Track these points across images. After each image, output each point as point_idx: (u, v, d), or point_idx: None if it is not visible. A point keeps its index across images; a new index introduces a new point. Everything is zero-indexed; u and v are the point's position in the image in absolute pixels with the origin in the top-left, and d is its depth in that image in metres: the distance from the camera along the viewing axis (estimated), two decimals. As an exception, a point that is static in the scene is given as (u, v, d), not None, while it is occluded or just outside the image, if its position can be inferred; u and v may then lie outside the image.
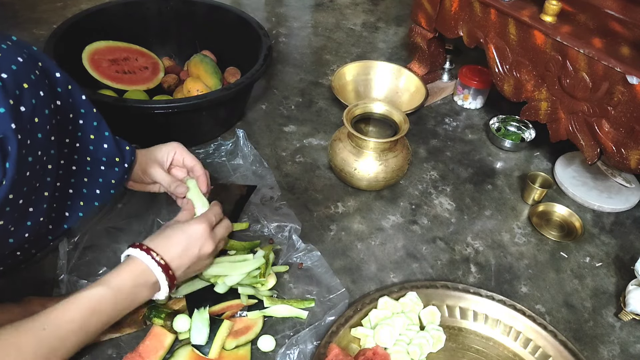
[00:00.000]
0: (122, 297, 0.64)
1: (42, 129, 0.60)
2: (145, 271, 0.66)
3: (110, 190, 0.76)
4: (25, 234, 0.64)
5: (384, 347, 0.77)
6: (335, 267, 0.91)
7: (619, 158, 0.93)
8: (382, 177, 1.01)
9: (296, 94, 1.34)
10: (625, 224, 1.07)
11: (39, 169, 0.61)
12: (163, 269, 0.67)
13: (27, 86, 0.57)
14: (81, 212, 0.76)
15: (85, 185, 0.75)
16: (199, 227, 0.72)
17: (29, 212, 0.63)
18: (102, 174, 0.75)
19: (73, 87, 0.67)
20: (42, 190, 0.64)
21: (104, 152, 0.73)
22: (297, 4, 1.80)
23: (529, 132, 1.25)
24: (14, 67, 0.56)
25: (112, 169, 0.75)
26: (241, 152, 1.10)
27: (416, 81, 1.32)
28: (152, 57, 1.27)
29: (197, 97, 1.02)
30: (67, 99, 0.66)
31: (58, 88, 0.65)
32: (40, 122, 0.59)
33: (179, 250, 0.70)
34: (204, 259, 0.74)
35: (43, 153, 0.61)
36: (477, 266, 0.95)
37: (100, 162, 0.73)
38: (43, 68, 0.62)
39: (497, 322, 0.83)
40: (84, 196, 0.75)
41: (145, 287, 0.67)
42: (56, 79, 0.65)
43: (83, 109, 0.69)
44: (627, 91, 0.88)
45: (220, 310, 0.81)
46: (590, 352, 0.83)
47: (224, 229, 0.78)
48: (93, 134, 0.71)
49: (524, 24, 1.01)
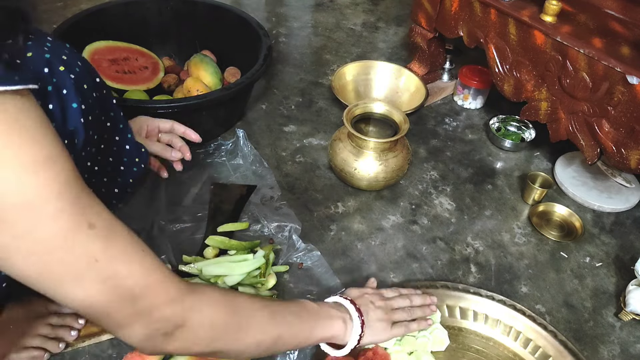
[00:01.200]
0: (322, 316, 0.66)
1: (92, 127, 0.64)
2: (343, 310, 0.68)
3: (127, 190, 0.79)
4: None
5: (384, 347, 0.77)
6: (335, 267, 0.91)
7: (619, 158, 0.93)
8: (382, 177, 1.01)
9: (296, 94, 1.35)
10: (626, 224, 1.07)
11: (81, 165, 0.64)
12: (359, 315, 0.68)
13: (86, 87, 0.62)
14: None
15: (105, 185, 0.76)
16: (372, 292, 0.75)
17: None
18: (121, 174, 0.77)
19: (107, 91, 0.71)
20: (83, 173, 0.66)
21: (126, 154, 0.75)
22: (297, 4, 1.80)
23: (529, 132, 1.25)
24: (77, 69, 0.61)
25: (131, 169, 0.77)
26: (241, 152, 1.10)
27: (416, 81, 1.32)
28: (152, 57, 1.27)
29: (197, 97, 1.02)
30: (103, 103, 0.69)
31: (94, 93, 0.68)
32: (93, 121, 0.63)
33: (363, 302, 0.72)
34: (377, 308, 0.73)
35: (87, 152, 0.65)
36: (477, 266, 0.95)
37: (122, 163, 0.76)
38: (92, 70, 0.67)
39: (497, 322, 0.83)
40: (102, 195, 0.75)
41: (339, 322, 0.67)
42: (94, 83, 0.68)
43: (112, 112, 0.72)
44: (627, 91, 0.88)
45: (221, 310, 0.81)
46: (590, 352, 0.83)
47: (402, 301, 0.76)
48: (119, 136, 0.74)
49: (524, 24, 1.01)
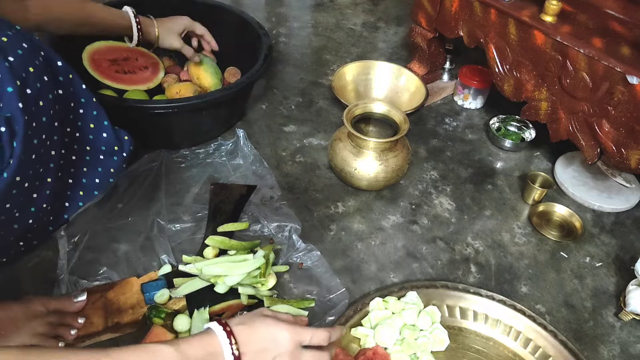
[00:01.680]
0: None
1: (46, 112, 0.61)
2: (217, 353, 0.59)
3: (109, 179, 0.77)
4: (29, 221, 0.65)
5: (384, 347, 0.77)
6: (335, 267, 0.91)
7: (619, 158, 0.93)
8: (382, 177, 1.01)
9: (296, 94, 1.34)
10: (626, 224, 1.07)
11: (43, 152, 0.61)
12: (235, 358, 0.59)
13: (32, 70, 0.59)
14: (81, 201, 0.76)
15: (85, 175, 0.75)
16: (288, 337, 0.63)
17: (33, 198, 0.64)
18: (101, 163, 0.75)
19: (74, 76, 0.68)
20: (46, 176, 0.65)
21: (103, 141, 0.73)
22: (297, 4, 1.80)
23: (529, 132, 1.25)
24: (19, 52, 0.58)
25: (111, 158, 0.75)
26: (241, 152, 1.10)
27: (416, 81, 1.32)
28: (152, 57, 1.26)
29: (197, 97, 1.02)
30: (68, 88, 0.67)
31: (60, 77, 0.66)
32: (45, 106, 0.60)
33: (257, 348, 0.61)
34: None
35: (47, 138, 0.62)
36: (477, 266, 0.95)
37: (100, 152, 0.74)
38: (45, 56, 0.63)
39: (497, 322, 0.83)
40: (83, 186, 0.75)
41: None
42: (58, 67, 0.65)
43: (83, 98, 0.70)
44: (627, 91, 0.88)
45: (220, 310, 0.81)
46: (590, 352, 0.83)
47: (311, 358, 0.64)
48: (93, 123, 0.72)
49: (524, 24, 1.01)
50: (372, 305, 0.82)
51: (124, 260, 0.87)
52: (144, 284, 0.82)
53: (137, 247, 0.89)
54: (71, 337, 0.75)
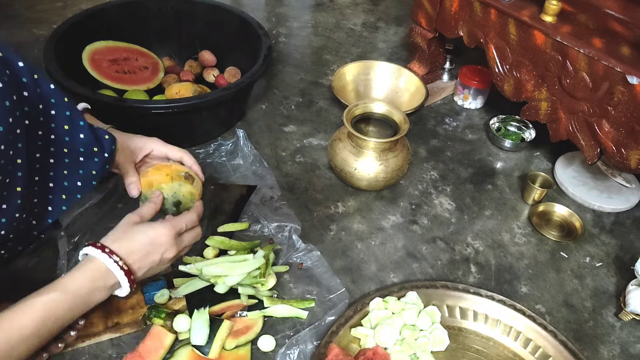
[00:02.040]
0: (79, 301, 0.62)
1: (3, 122, 0.57)
2: (105, 274, 0.64)
3: (92, 182, 0.73)
4: (1, 232, 0.63)
5: (384, 347, 0.77)
6: (335, 267, 0.91)
7: (619, 158, 0.93)
8: (382, 177, 1.01)
9: (296, 94, 1.34)
10: (626, 224, 1.07)
11: (4, 163, 0.58)
12: (125, 273, 0.65)
13: None
14: (64, 205, 0.74)
15: (66, 178, 0.72)
16: (165, 233, 0.69)
17: (2, 209, 0.62)
18: (81, 165, 0.72)
19: (39, 76, 0.64)
20: (14, 185, 0.62)
21: (80, 143, 0.69)
22: (297, 4, 1.80)
23: (529, 132, 1.25)
24: None
25: (92, 160, 0.71)
26: (241, 152, 1.10)
27: (416, 81, 1.32)
28: (152, 57, 1.27)
29: (197, 97, 1.02)
30: (34, 89, 0.64)
31: (23, 78, 0.62)
32: (1, 115, 0.57)
33: (141, 255, 0.67)
34: (165, 263, 0.72)
35: (8, 147, 0.59)
36: (477, 266, 0.95)
37: (79, 153, 0.70)
38: (3, 58, 0.60)
39: (497, 322, 0.83)
40: (65, 189, 0.73)
41: (103, 289, 0.65)
42: (19, 68, 0.62)
43: (53, 99, 0.66)
44: (627, 91, 0.88)
45: (221, 310, 0.81)
46: (590, 352, 0.83)
47: (192, 237, 0.75)
48: (67, 124, 0.68)
49: (524, 24, 1.01)
50: (372, 305, 0.82)
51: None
52: (144, 284, 0.82)
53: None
54: (71, 339, 0.74)
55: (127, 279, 0.66)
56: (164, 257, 0.70)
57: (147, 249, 0.68)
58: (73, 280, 0.63)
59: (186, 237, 0.74)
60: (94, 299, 0.65)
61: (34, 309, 0.59)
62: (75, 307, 0.62)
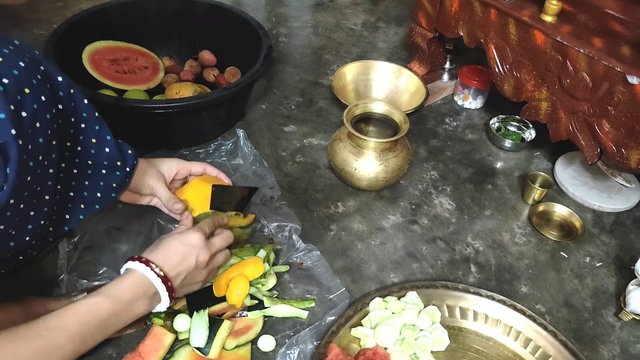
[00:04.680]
0: (121, 307, 0.63)
1: (43, 133, 0.60)
2: (144, 282, 0.66)
3: (111, 194, 0.76)
4: (26, 238, 0.64)
5: (384, 347, 0.77)
6: (335, 267, 0.91)
7: (619, 158, 0.93)
8: (382, 177, 1.01)
9: (296, 93, 1.34)
10: (626, 223, 1.07)
11: (40, 173, 0.61)
12: (162, 280, 0.67)
13: (28, 91, 0.57)
14: (82, 214, 0.75)
15: (87, 189, 0.74)
16: (194, 235, 0.72)
17: (30, 216, 0.63)
18: (103, 178, 0.74)
19: (75, 91, 0.67)
20: (44, 194, 0.64)
21: (105, 156, 0.72)
22: (297, 3, 1.80)
23: (529, 132, 1.25)
24: (15, 72, 0.56)
25: (114, 173, 0.74)
26: (241, 152, 1.10)
27: (416, 81, 1.32)
28: (152, 57, 1.27)
29: (197, 97, 1.02)
30: (69, 103, 0.66)
31: (60, 92, 0.65)
32: (42, 127, 0.59)
33: (177, 260, 0.69)
34: (201, 268, 0.72)
35: (44, 157, 0.61)
36: (477, 266, 0.95)
37: (102, 166, 0.73)
38: (45, 72, 0.62)
39: (497, 322, 0.83)
40: (85, 199, 0.75)
41: (144, 299, 0.66)
42: (58, 82, 0.65)
43: (85, 113, 0.69)
44: (627, 91, 0.88)
45: (221, 310, 0.81)
46: (590, 352, 0.83)
47: (222, 240, 0.77)
48: (95, 138, 0.71)
49: (524, 24, 1.01)
50: (372, 305, 0.82)
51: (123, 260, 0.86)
52: None
53: (137, 247, 0.89)
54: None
55: (164, 286, 0.67)
56: (198, 261, 0.71)
57: (181, 253, 0.70)
58: (115, 286, 0.65)
59: (216, 241, 0.76)
60: (137, 307, 0.66)
61: (77, 310, 0.60)
62: (119, 313, 0.63)
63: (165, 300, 0.68)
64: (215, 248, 0.75)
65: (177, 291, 0.70)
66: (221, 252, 0.77)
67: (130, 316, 0.65)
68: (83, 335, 0.60)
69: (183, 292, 0.73)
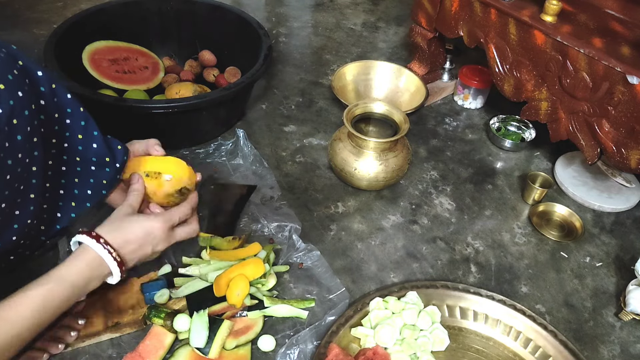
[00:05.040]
0: (76, 290, 0.64)
1: (21, 130, 0.58)
2: (99, 262, 0.65)
3: (102, 191, 0.74)
4: (12, 237, 0.64)
5: (384, 347, 0.77)
6: (335, 267, 0.91)
7: (619, 158, 0.93)
8: (382, 177, 1.01)
9: (296, 93, 1.34)
10: (626, 223, 1.07)
11: (21, 171, 0.59)
12: (118, 264, 0.67)
13: (3, 87, 0.55)
14: (73, 212, 0.74)
15: (77, 186, 0.73)
16: (159, 226, 0.71)
17: (15, 215, 0.62)
18: (93, 174, 0.73)
19: (57, 85, 0.65)
20: (28, 192, 0.63)
21: (93, 152, 0.71)
22: (297, 3, 1.80)
23: (529, 132, 1.25)
24: None
25: (103, 169, 0.72)
26: (241, 152, 1.10)
27: (416, 81, 1.32)
28: (152, 56, 1.27)
29: (197, 97, 1.02)
30: (51, 98, 0.64)
31: (41, 87, 0.63)
32: (20, 124, 0.57)
33: (135, 246, 0.69)
34: (155, 254, 0.73)
35: (25, 155, 0.59)
36: (477, 266, 0.95)
37: (91, 162, 0.71)
38: (23, 67, 0.60)
39: (497, 322, 0.83)
40: (75, 197, 0.74)
41: (97, 278, 0.66)
42: (38, 77, 0.62)
43: (69, 108, 0.67)
44: (627, 91, 0.88)
45: (221, 310, 0.81)
46: (590, 352, 0.83)
47: (185, 233, 0.76)
48: (81, 134, 0.69)
49: (525, 24, 1.01)
50: (372, 305, 0.82)
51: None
52: (144, 284, 0.82)
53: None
54: (71, 339, 0.75)
55: (119, 269, 0.67)
56: (155, 250, 0.72)
57: (140, 241, 0.69)
58: (69, 270, 0.64)
59: (179, 232, 0.75)
60: (89, 287, 0.66)
61: (32, 300, 0.60)
62: (72, 296, 0.64)
63: (117, 278, 0.68)
64: (175, 240, 0.74)
65: (126, 269, 0.69)
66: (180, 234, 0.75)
67: (82, 295, 0.66)
68: (38, 322, 0.60)
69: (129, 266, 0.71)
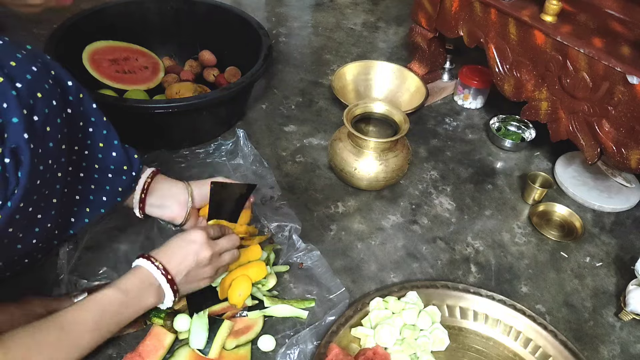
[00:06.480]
0: (130, 298, 0.66)
1: (53, 137, 0.60)
2: (148, 276, 0.69)
3: (117, 198, 0.76)
4: (32, 240, 0.65)
5: (384, 347, 0.77)
6: (335, 267, 0.91)
7: (619, 158, 0.93)
8: (382, 177, 1.01)
9: (296, 93, 1.34)
10: (626, 223, 1.07)
11: (49, 177, 0.61)
12: (163, 274, 0.69)
13: (40, 95, 0.58)
14: (87, 218, 0.76)
15: (92, 192, 0.75)
16: (196, 234, 0.73)
17: (38, 219, 0.64)
18: (109, 182, 0.75)
19: (84, 95, 0.68)
20: (52, 197, 0.65)
21: (112, 160, 0.73)
22: (297, 3, 1.80)
23: (529, 132, 1.25)
24: (28, 77, 0.57)
25: (120, 177, 0.75)
26: (241, 152, 1.10)
27: (416, 81, 1.32)
28: (152, 56, 1.27)
29: (197, 97, 1.02)
30: (78, 107, 0.67)
31: (70, 96, 0.66)
32: (52, 131, 0.60)
33: (179, 257, 0.71)
34: (203, 266, 0.73)
35: (54, 162, 0.62)
36: (477, 266, 0.95)
37: (108, 170, 0.74)
38: (56, 77, 0.63)
39: (497, 322, 0.83)
40: (90, 203, 0.75)
41: (151, 291, 0.68)
42: (68, 87, 0.65)
43: (93, 118, 0.70)
44: (627, 91, 0.88)
45: (221, 310, 0.81)
46: (590, 352, 0.83)
47: (226, 241, 0.77)
48: (102, 142, 0.72)
49: (525, 24, 1.01)
50: (372, 305, 0.82)
51: (124, 260, 0.87)
52: None
53: (137, 247, 0.89)
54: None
55: (165, 278, 0.69)
56: (199, 258, 0.72)
57: (182, 252, 0.71)
58: (123, 280, 0.68)
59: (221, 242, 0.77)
60: (145, 299, 0.68)
61: (89, 306, 0.64)
62: (128, 304, 0.66)
63: (169, 294, 0.70)
64: (218, 247, 0.75)
65: (181, 287, 0.71)
66: (228, 252, 0.77)
67: (141, 307, 0.68)
68: (99, 326, 0.63)
69: (188, 288, 0.73)
